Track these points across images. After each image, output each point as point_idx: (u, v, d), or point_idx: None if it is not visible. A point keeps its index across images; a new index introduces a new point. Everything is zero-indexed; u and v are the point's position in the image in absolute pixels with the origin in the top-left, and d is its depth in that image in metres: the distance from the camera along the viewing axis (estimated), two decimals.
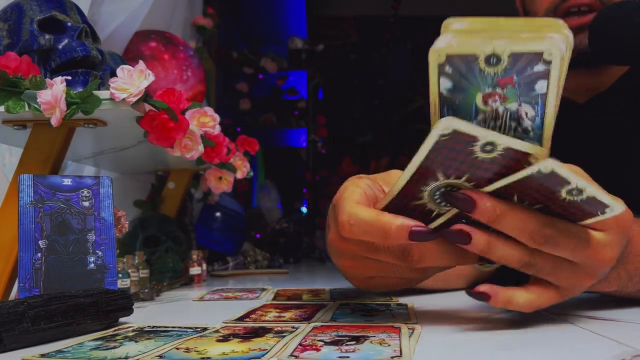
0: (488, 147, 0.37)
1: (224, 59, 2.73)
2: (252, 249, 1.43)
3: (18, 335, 0.43)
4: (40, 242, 0.56)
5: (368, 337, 0.41)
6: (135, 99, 0.59)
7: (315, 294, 0.72)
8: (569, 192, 0.39)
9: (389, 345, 0.38)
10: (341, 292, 0.72)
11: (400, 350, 0.37)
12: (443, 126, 0.35)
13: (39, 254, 0.56)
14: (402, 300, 0.63)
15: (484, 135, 0.36)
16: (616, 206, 0.39)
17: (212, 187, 1.07)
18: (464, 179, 0.40)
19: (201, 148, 0.76)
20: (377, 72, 3.69)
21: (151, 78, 0.60)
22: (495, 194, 0.40)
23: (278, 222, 1.91)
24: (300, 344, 0.39)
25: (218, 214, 1.42)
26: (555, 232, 0.41)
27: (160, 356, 0.38)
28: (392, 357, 0.35)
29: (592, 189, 0.38)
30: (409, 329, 0.44)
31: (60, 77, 0.60)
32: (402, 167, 0.42)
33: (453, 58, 0.38)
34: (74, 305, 0.47)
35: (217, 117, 0.85)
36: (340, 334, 0.43)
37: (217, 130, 0.85)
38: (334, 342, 0.40)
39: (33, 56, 0.65)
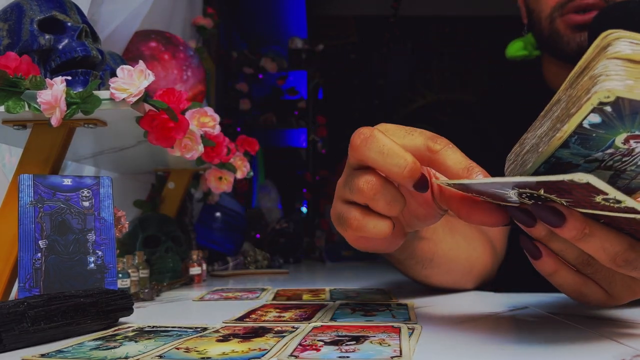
0: (611, 200, 0.33)
1: (224, 59, 2.73)
2: (252, 249, 1.43)
3: (18, 335, 0.43)
4: (40, 242, 0.56)
5: (368, 337, 0.41)
6: (135, 99, 0.60)
7: (315, 294, 0.72)
8: None
9: (389, 345, 0.38)
10: (341, 292, 0.72)
11: (400, 350, 0.37)
12: (578, 177, 0.31)
13: (39, 254, 0.56)
14: (402, 300, 0.63)
15: (613, 192, 0.32)
16: None
17: (212, 187, 1.07)
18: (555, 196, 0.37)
19: (201, 148, 0.77)
20: (377, 72, 3.69)
21: (151, 78, 0.60)
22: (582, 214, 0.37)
23: (278, 222, 1.91)
24: (300, 344, 0.39)
25: (218, 214, 1.42)
26: (637, 256, 0.39)
27: (160, 356, 0.38)
28: (392, 357, 0.35)
29: None
30: (409, 329, 0.44)
31: (60, 77, 0.60)
32: None
33: (623, 102, 0.32)
34: (74, 305, 0.47)
35: (217, 117, 0.85)
36: (340, 334, 0.43)
37: (217, 130, 0.85)
38: (334, 342, 0.40)
39: (33, 56, 0.65)
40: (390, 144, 0.42)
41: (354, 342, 0.40)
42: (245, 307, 0.60)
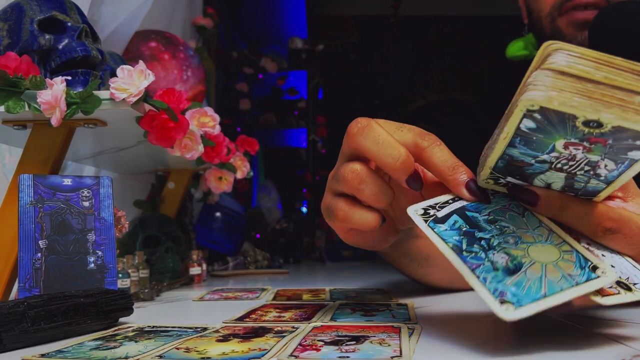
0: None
1: (224, 59, 2.73)
2: (252, 249, 1.43)
3: (18, 335, 0.43)
4: (40, 242, 0.56)
5: (368, 337, 0.41)
6: (135, 99, 0.59)
7: (315, 294, 0.72)
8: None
9: (389, 345, 0.38)
10: (341, 292, 0.72)
11: (400, 350, 0.37)
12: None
13: (39, 254, 0.56)
14: (402, 300, 0.63)
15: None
16: None
17: (212, 187, 1.07)
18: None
19: (201, 148, 0.77)
20: (377, 72, 3.69)
21: (151, 78, 0.60)
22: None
23: (278, 222, 1.91)
24: (300, 344, 0.39)
25: (218, 214, 1.42)
26: (618, 225, 0.40)
27: (160, 356, 0.38)
28: (392, 357, 0.35)
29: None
30: (409, 329, 0.44)
31: (60, 77, 0.60)
32: None
33: (548, 111, 0.33)
34: (74, 305, 0.47)
35: (217, 117, 0.85)
36: (340, 334, 0.43)
37: (217, 130, 0.85)
38: (334, 342, 0.40)
39: (33, 56, 0.65)
40: (386, 135, 0.43)
41: (354, 342, 0.40)
42: (245, 307, 0.60)
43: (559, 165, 0.38)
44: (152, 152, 0.91)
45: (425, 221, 0.42)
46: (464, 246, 0.40)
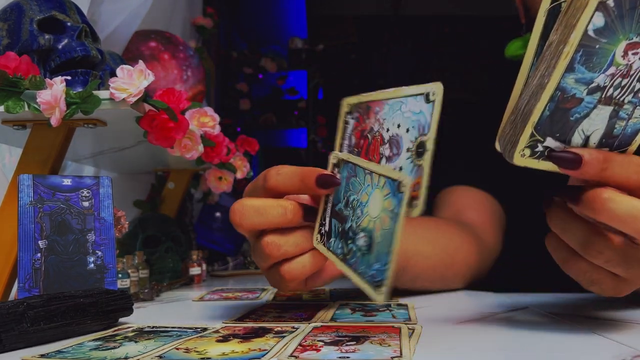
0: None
1: (224, 59, 2.73)
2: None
3: (17, 335, 0.43)
4: (39, 242, 0.56)
5: (368, 337, 0.41)
6: (135, 99, 0.59)
7: (315, 294, 0.72)
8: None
9: (389, 345, 0.38)
10: (341, 292, 0.72)
11: (401, 351, 0.37)
12: None
13: (39, 254, 0.56)
14: (402, 300, 0.63)
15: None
16: None
17: (212, 187, 1.06)
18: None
19: (201, 148, 0.76)
20: (377, 72, 3.69)
21: (151, 78, 0.60)
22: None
23: None
24: (300, 344, 0.39)
25: (218, 214, 1.42)
26: None
27: (160, 356, 0.38)
28: (392, 358, 0.35)
29: None
30: (409, 329, 0.44)
31: (59, 77, 0.60)
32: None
33: None
34: (73, 305, 0.47)
35: (217, 117, 0.85)
36: (340, 334, 0.43)
37: (217, 130, 0.85)
38: (334, 343, 0.40)
39: (33, 56, 0.65)
40: (260, 202, 0.46)
41: (354, 342, 0.40)
42: (245, 307, 0.59)
43: (609, 93, 0.38)
44: (152, 152, 0.91)
45: (324, 245, 0.45)
46: (345, 250, 0.43)
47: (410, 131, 0.43)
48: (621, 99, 0.39)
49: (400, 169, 0.44)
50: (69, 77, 0.62)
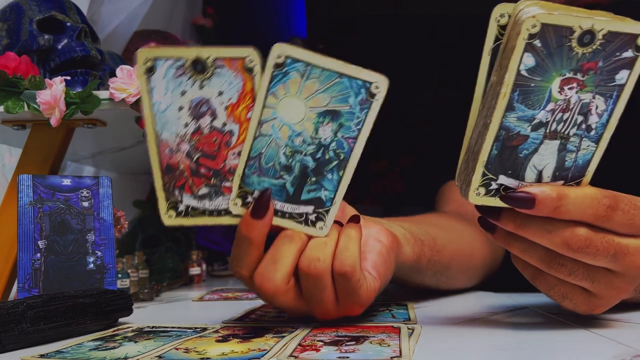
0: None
1: None
2: None
3: (17, 335, 0.43)
4: (39, 243, 0.56)
5: (368, 337, 0.41)
6: (134, 99, 0.59)
7: None
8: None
9: (388, 345, 0.38)
10: None
11: (400, 351, 0.37)
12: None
13: (38, 254, 0.56)
14: (402, 300, 0.63)
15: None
16: None
17: None
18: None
19: None
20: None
21: None
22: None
23: None
24: (299, 344, 0.39)
25: None
26: (615, 199, 0.40)
27: (159, 356, 0.38)
28: (392, 358, 0.35)
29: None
30: (408, 329, 0.44)
31: (59, 77, 0.60)
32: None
33: (547, 30, 0.36)
34: (73, 305, 0.47)
35: None
36: (339, 334, 0.43)
37: None
38: (333, 343, 0.40)
39: (32, 56, 0.65)
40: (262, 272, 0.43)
41: (354, 342, 0.40)
42: (245, 307, 0.59)
43: (553, 127, 0.39)
44: None
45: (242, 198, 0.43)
46: (278, 180, 0.43)
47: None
48: (566, 132, 0.40)
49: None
50: (68, 77, 0.62)
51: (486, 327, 0.46)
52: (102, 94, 0.61)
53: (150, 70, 0.42)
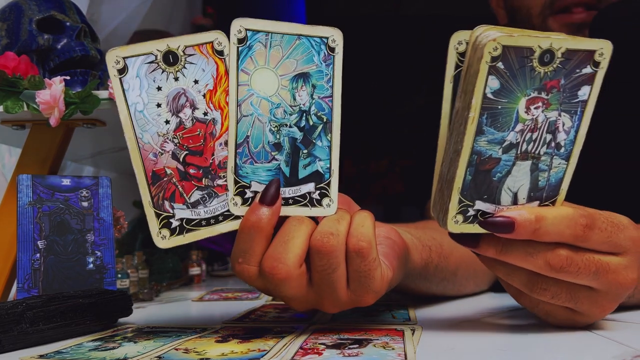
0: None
1: None
2: None
3: (17, 336, 0.42)
4: (39, 243, 0.56)
5: (371, 340, 0.41)
6: None
7: None
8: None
9: (392, 348, 0.38)
10: None
11: (405, 354, 0.36)
12: None
13: (38, 255, 0.55)
14: (402, 300, 0.63)
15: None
16: None
17: None
18: None
19: None
20: (378, 72, 3.69)
21: None
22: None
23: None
24: (301, 347, 0.39)
25: None
26: (592, 218, 0.40)
27: (159, 357, 0.38)
28: None
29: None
30: (409, 329, 0.44)
31: (59, 77, 0.60)
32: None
33: (509, 52, 0.37)
34: (72, 305, 0.47)
35: None
36: (341, 337, 0.42)
37: None
38: (335, 346, 0.39)
39: (32, 56, 0.65)
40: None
41: (357, 345, 0.39)
42: (245, 308, 0.59)
43: (524, 148, 0.40)
44: None
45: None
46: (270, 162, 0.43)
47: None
48: (536, 151, 0.41)
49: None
50: (68, 77, 0.62)
51: (486, 327, 0.46)
52: (102, 93, 0.60)
53: (122, 71, 0.41)
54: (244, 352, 0.38)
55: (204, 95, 0.41)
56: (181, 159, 0.42)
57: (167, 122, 0.41)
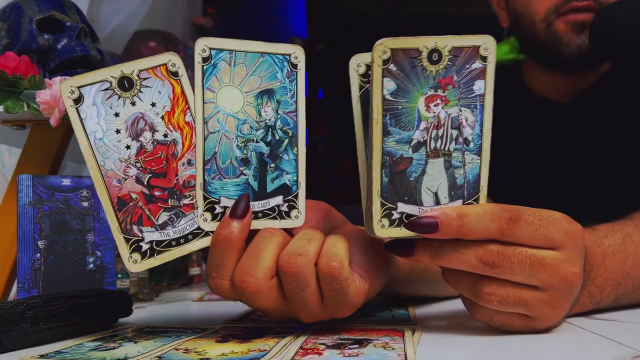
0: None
1: None
2: None
3: (17, 336, 0.42)
4: (39, 243, 0.56)
5: (371, 340, 0.41)
6: None
7: None
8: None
9: (393, 348, 0.38)
10: None
11: (405, 355, 0.36)
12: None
13: (38, 255, 0.55)
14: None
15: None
16: None
17: None
18: None
19: None
20: None
21: None
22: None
23: None
24: (301, 348, 0.39)
25: None
26: (516, 212, 0.40)
27: (159, 357, 0.38)
28: None
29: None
30: (409, 329, 0.44)
31: (59, 76, 0.60)
32: None
33: (397, 54, 0.39)
34: (73, 305, 0.47)
35: None
36: (342, 337, 0.42)
37: None
38: (336, 346, 0.39)
39: (32, 56, 0.65)
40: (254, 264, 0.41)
41: (357, 345, 0.39)
42: (245, 308, 0.59)
43: (432, 145, 0.41)
44: None
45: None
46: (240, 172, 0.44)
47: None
48: (445, 148, 0.41)
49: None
50: (68, 77, 0.62)
51: (486, 327, 0.46)
52: None
53: (78, 101, 0.41)
54: (244, 352, 0.38)
55: (162, 118, 0.42)
56: (145, 182, 0.42)
57: (128, 147, 0.42)
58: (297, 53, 0.43)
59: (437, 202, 0.41)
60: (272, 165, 0.43)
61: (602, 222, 0.53)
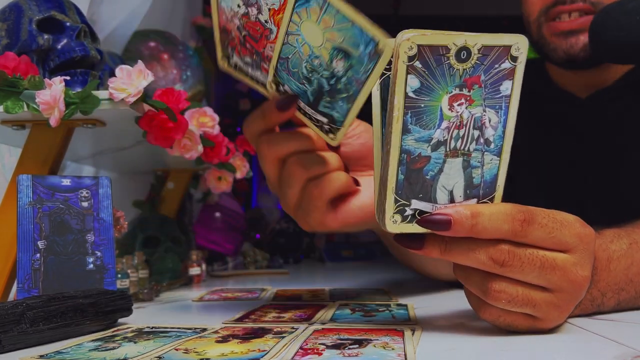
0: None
1: None
2: (251, 249, 1.42)
3: (17, 336, 0.42)
4: (39, 243, 0.56)
5: (371, 340, 0.41)
6: (134, 99, 0.59)
7: (315, 294, 0.72)
8: None
9: (392, 348, 0.38)
10: (341, 292, 0.72)
11: (405, 355, 0.36)
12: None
13: (38, 255, 0.55)
14: (402, 300, 0.63)
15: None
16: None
17: (212, 187, 1.06)
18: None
19: (200, 148, 0.76)
20: None
21: (150, 78, 0.60)
22: None
23: (278, 222, 1.91)
24: (301, 348, 0.39)
25: (217, 214, 1.42)
26: (530, 213, 0.40)
27: (159, 357, 0.38)
28: None
29: None
30: (409, 329, 0.44)
31: (59, 77, 0.60)
32: None
33: (424, 50, 0.37)
34: (72, 306, 0.47)
35: (217, 117, 0.85)
36: (342, 337, 0.42)
37: (216, 130, 0.85)
38: (336, 346, 0.39)
39: (32, 56, 0.65)
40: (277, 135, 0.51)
41: (357, 345, 0.39)
42: (245, 308, 0.59)
43: (452, 145, 0.40)
44: (151, 152, 0.91)
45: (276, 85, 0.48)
46: (302, 86, 0.46)
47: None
48: (465, 148, 0.40)
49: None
50: (68, 77, 0.62)
51: (486, 327, 0.46)
52: (102, 94, 0.60)
53: None
54: (244, 352, 0.38)
55: (269, 10, 0.44)
56: (242, 35, 0.48)
57: (239, 6, 0.46)
58: (386, 46, 0.40)
59: (452, 201, 0.41)
60: (328, 99, 0.44)
61: (611, 222, 0.53)
